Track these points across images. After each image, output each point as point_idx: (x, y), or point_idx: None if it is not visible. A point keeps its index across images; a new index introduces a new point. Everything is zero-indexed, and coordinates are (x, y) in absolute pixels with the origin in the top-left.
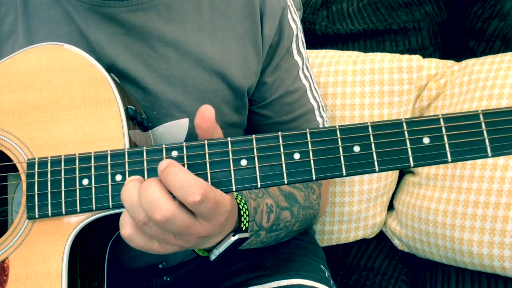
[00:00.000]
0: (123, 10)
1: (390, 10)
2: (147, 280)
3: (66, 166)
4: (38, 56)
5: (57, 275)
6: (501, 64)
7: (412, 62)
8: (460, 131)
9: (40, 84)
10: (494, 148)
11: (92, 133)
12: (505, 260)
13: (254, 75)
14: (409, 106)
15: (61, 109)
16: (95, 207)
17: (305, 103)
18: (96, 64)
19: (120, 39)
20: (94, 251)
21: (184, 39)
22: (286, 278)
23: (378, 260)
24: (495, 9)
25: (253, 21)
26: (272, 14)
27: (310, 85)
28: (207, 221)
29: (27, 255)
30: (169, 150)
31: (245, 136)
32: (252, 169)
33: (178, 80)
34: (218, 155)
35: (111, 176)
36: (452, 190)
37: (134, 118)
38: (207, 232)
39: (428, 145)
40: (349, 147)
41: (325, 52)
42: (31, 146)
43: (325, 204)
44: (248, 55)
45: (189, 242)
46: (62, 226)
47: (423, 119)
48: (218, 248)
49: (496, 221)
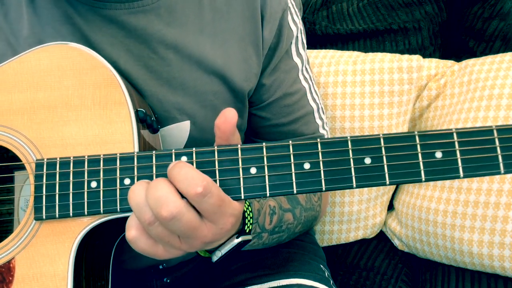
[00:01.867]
0: (123, 12)
1: (390, 10)
2: (147, 281)
3: (75, 168)
4: (49, 55)
5: (62, 277)
6: (501, 64)
7: (412, 62)
8: (473, 146)
9: (51, 84)
10: (507, 165)
11: (102, 135)
12: (505, 260)
13: (255, 77)
14: (409, 106)
15: (71, 109)
16: (102, 211)
17: (305, 105)
18: (107, 65)
19: (121, 41)
20: (100, 253)
21: (184, 42)
22: (286, 278)
23: (378, 260)
24: (495, 9)
25: (254, 23)
26: (272, 16)
27: (310, 87)
28: (213, 223)
29: (33, 256)
30: (179, 155)
31: (255, 144)
32: (262, 177)
33: (179, 83)
34: (228, 162)
35: (119, 180)
36: (452, 190)
37: (144, 120)
38: (213, 236)
39: (441, 160)
40: (360, 159)
41: (325, 52)
42: (40, 146)
43: (326, 204)
44: (249, 57)
45: (193, 247)
46: (69, 228)
47: (436, 133)
48: (220, 250)
49: (496, 221)
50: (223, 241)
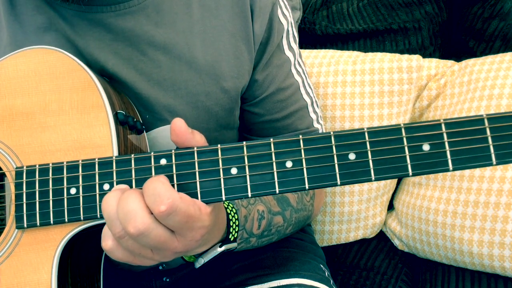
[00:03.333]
0: (110, 15)
1: (390, 10)
2: (146, 281)
3: (54, 175)
4: (26, 60)
5: (46, 285)
6: (501, 64)
7: (412, 62)
8: (462, 137)
9: (28, 90)
10: (500, 156)
11: (81, 140)
12: (505, 260)
13: (247, 74)
14: (409, 106)
15: (49, 115)
16: (83, 217)
17: (298, 99)
18: (85, 67)
19: (108, 44)
20: (87, 259)
21: (174, 42)
22: (286, 278)
23: (378, 260)
24: (495, 9)
25: (244, 18)
26: (262, 10)
27: (303, 81)
28: (182, 237)
29: (17, 265)
30: (158, 158)
31: (235, 144)
32: (243, 178)
33: (169, 84)
34: (208, 163)
35: (98, 185)
36: (452, 190)
37: (125, 122)
38: (184, 247)
39: (428, 153)
40: (344, 155)
41: (325, 52)
42: (19, 153)
43: (320, 202)
44: (240, 54)
45: (167, 257)
46: (51, 236)
47: (423, 125)
48: (203, 257)
49: (496, 221)
50: (205, 247)
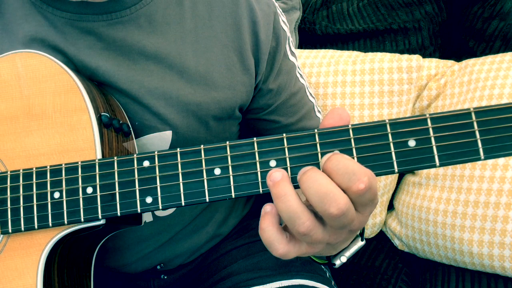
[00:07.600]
0: (102, 24)
1: (390, 10)
2: (144, 281)
3: (37, 179)
4: (9, 65)
5: None
6: (501, 64)
7: (412, 62)
8: (449, 132)
9: (12, 94)
10: (487, 150)
11: (64, 144)
12: (505, 260)
13: (241, 84)
14: (408, 106)
15: (33, 119)
16: (66, 221)
17: (306, 101)
18: (68, 70)
19: (100, 53)
20: (76, 262)
21: (166, 51)
22: (288, 279)
23: (378, 260)
24: (495, 9)
25: (237, 30)
26: (265, 20)
27: (306, 84)
28: (361, 214)
29: (2, 270)
30: (141, 160)
31: (219, 144)
32: (226, 178)
33: (160, 93)
34: (191, 164)
35: (82, 189)
36: (452, 190)
37: (109, 125)
38: (359, 224)
39: (414, 149)
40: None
41: (325, 52)
42: (4, 158)
43: None
44: (232, 65)
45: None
46: (35, 241)
47: (408, 120)
48: (345, 254)
49: (496, 221)
50: (345, 244)
